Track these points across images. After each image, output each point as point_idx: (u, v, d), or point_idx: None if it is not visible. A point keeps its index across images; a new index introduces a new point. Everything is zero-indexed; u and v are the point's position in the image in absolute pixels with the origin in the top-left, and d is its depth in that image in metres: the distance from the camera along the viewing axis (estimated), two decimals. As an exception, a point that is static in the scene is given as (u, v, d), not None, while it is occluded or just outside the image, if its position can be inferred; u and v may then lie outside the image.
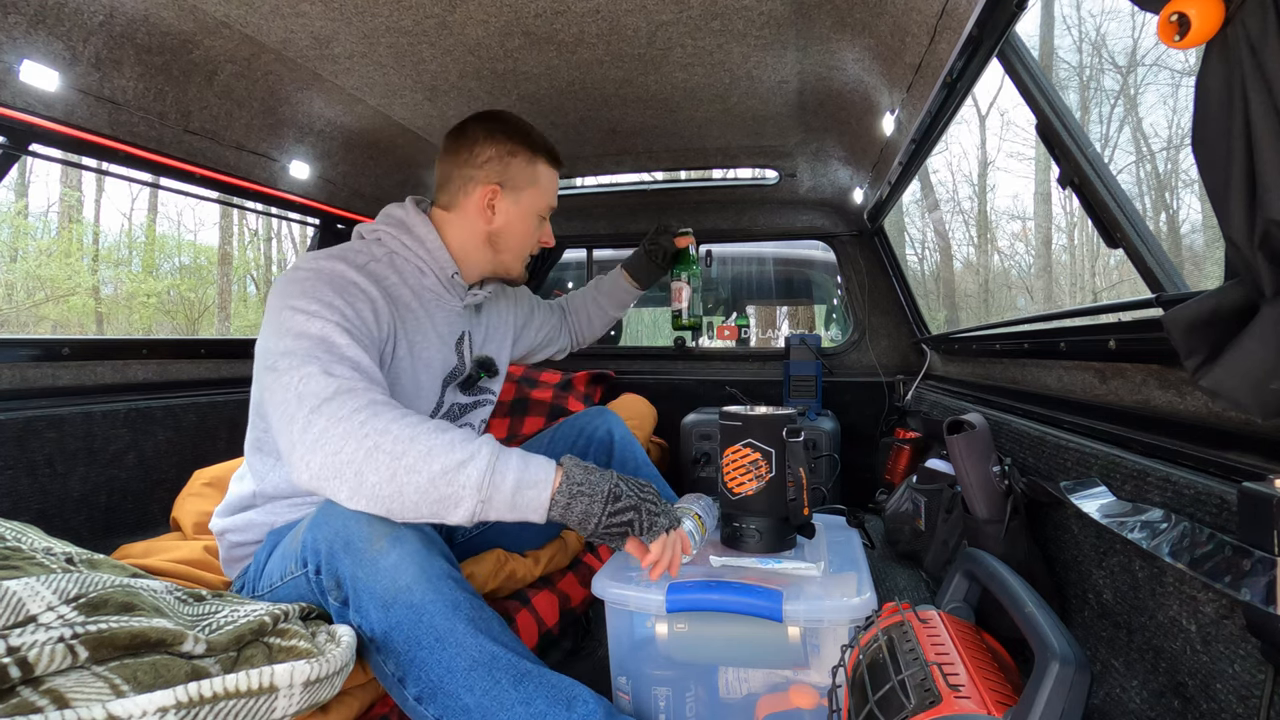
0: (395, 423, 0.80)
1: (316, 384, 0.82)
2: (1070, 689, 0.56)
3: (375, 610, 0.77)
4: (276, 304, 0.92)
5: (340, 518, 0.81)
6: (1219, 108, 0.54)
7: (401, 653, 0.76)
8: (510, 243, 1.16)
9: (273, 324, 0.90)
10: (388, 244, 1.09)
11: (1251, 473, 0.65)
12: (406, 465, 0.78)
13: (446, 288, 1.13)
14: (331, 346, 0.88)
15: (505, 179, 1.12)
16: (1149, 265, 0.94)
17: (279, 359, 0.86)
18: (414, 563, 0.78)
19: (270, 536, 1.01)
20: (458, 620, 0.77)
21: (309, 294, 0.92)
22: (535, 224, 1.18)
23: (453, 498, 0.79)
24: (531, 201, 1.15)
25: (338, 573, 0.80)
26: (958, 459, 1.12)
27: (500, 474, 0.81)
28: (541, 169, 1.16)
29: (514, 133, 1.13)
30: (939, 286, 11.28)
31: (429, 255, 1.10)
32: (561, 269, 3.14)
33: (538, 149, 1.15)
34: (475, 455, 0.81)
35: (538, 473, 0.83)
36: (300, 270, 0.96)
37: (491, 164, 1.11)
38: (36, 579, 0.61)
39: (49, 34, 1.19)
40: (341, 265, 0.98)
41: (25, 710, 0.52)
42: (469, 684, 0.75)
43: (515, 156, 1.12)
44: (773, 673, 0.93)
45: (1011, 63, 1.10)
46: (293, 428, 0.81)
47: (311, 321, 0.89)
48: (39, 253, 10.52)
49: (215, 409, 1.78)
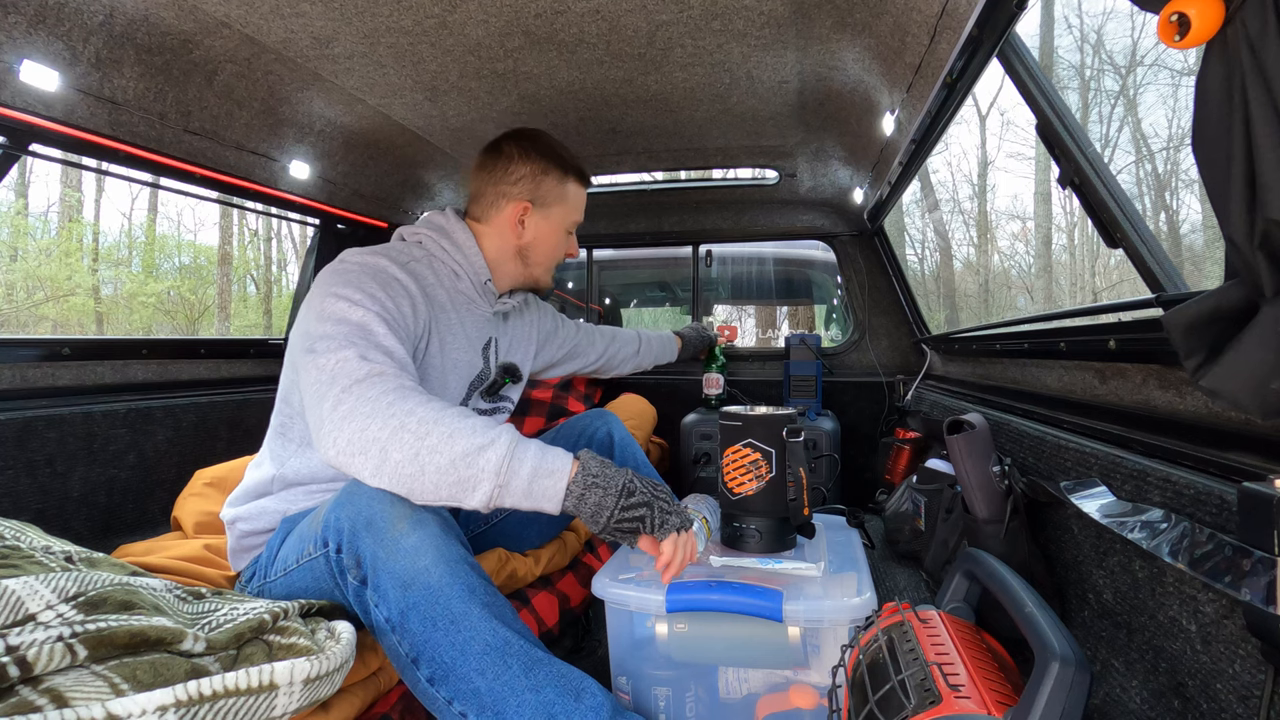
0: (421, 405, 0.84)
1: (351, 366, 0.86)
2: (1070, 689, 0.55)
3: (394, 590, 0.78)
4: (320, 291, 0.97)
5: (364, 498, 0.83)
6: (1219, 108, 0.54)
7: (416, 634, 0.77)
8: (539, 256, 1.23)
9: (315, 309, 0.95)
10: (428, 247, 1.16)
11: (1251, 473, 0.65)
12: (430, 445, 0.81)
13: (479, 293, 1.19)
14: (370, 334, 0.92)
15: (536, 197, 1.19)
16: (1149, 265, 0.94)
17: (318, 341, 0.90)
18: (433, 546, 0.80)
19: (284, 523, 1.03)
20: (473, 604, 0.78)
21: (353, 284, 0.97)
22: (563, 238, 1.25)
23: (471, 480, 0.81)
24: (561, 218, 1.22)
25: (359, 551, 0.81)
26: (958, 459, 1.12)
27: (519, 460, 0.83)
28: (571, 187, 1.23)
29: (547, 152, 1.19)
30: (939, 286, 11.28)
31: (466, 261, 1.16)
32: (562, 269, 3.14)
33: (568, 169, 1.22)
34: (496, 441, 0.83)
35: (555, 462, 0.85)
36: (347, 262, 1.02)
37: (524, 182, 1.18)
38: (35, 578, 0.61)
39: (49, 34, 1.19)
40: (385, 261, 1.04)
41: (24, 709, 0.52)
42: (481, 668, 0.76)
43: (547, 175, 1.19)
44: (773, 673, 0.93)
45: (1011, 63, 1.10)
46: (323, 405, 0.84)
47: (353, 309, 0.93)
48: (39, 253, 10.52)
49: (215, 409, 1.78)
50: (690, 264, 2.76)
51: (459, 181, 2.39)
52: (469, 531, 1.30)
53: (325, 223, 2.25)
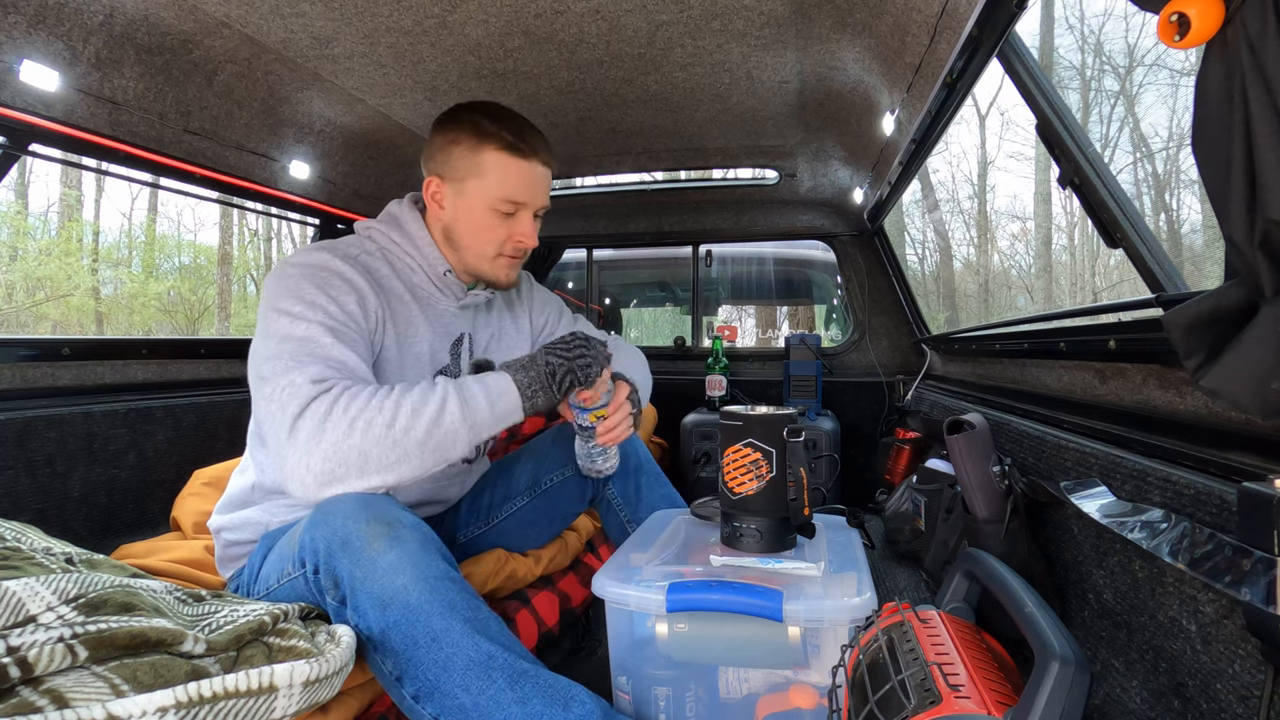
0: (373, 398, 0.86)
1: (300, 390, 0.85)
2: (1070, 689, 0.55)
3: (373, 610, 0.77)
4: (264, 306, 0.94)
5: (339, 517, 0.81)
6: (1219, 108, 0.54)
7: (399, 652, 0.77)
8: (463, 238, 1.08)
9: (261, 327, 0.93)
10: (378, 240, 1.09)
11: (1251, 473, 0.65)
12: (401, 428, 0.85)
13: (439, 286, 1.11)
14: (315, 347, 0.90)
15: (445, 170, 1.07)
16: (1149, 265, 0.94)
17: (263, 364, 0.89)
18: (411, 563, 0.78)
19: (264, 539, 1.01)
20: (454, 620, 0.77)
21: (293, 293, 0.93)
22: (491, 218, 1.07)
23: (449, 437, 0.88)
24: (479, 192, 1.05)
25: (335, 572, 0.80)
26: (958, 459, 1.12)
27: (473, 398, 0.92)
28: (489, 156, 1.04)
29: (461, 120, 1.06)
30: (939, 286, 11.28)
31: (417, 252, 1.09)
32: (561, 269, 3.14)
33: (485, 136, 1.04)
34: (446, 397, 0.90)
35: (498, 382, 0.95)
36: (287, 267, 0.97)
37: (435, 155, 1.08)
38: (36, 579, 0.61)
39: (49, 34, 1.19)
40: (327, 256, 0.99)
41: (25, 710, 0.52)
42: (465, 683, 0.75)
43: (457, 145, 1.05)
44: (773, 673, 0.93)
45: (1011, 63, 1.10)
46: (281, 435, 0.84)
47: (295, 324, 0.91)
48: (39, 252, 10.52)
49: (215, 409, 1.78)
50: (690, 264, 2.76)
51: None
52: (469, 533, 1.30)
53: (325, 223, 2.25)
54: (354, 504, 0.82)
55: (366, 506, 0.82)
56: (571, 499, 1.35)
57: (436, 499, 1.21)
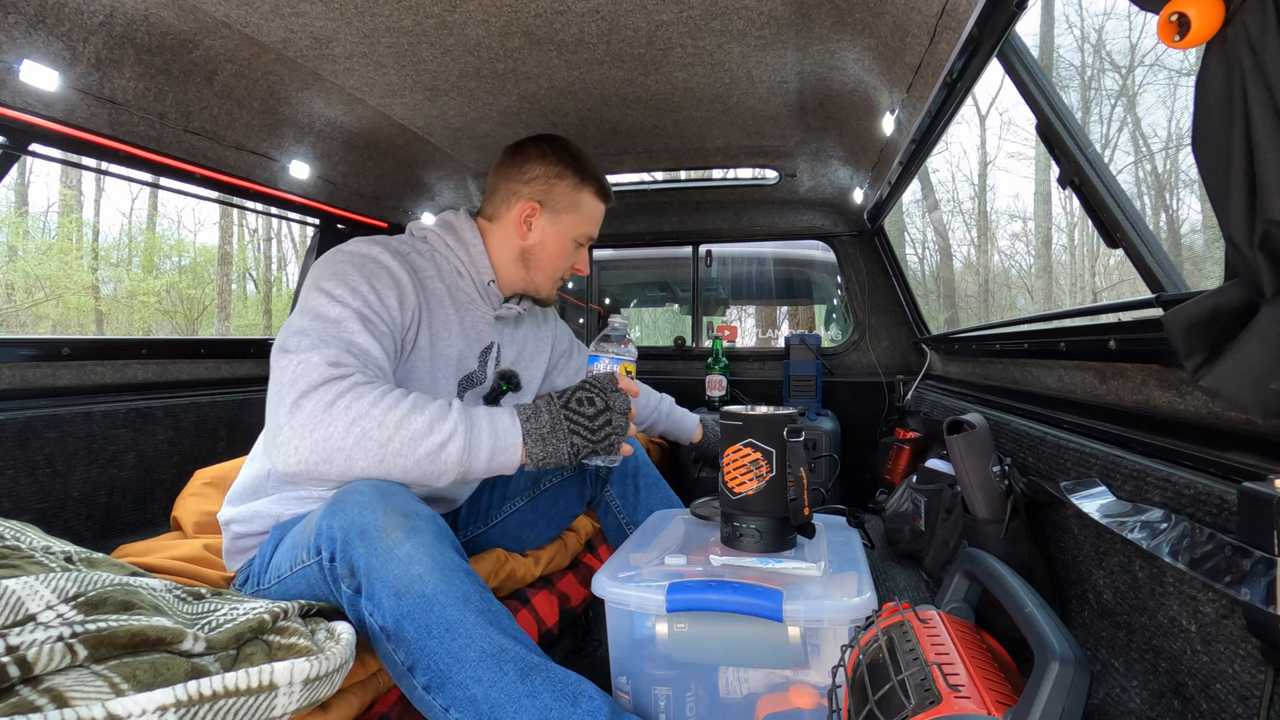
0: (377, 405, 0.85)
1: (314, 370, 0.86)
2: (1070, 689, 0.55)
3: (388, 599, 0.78)
4: (308, 285, 0.97)
5: (356, 506, 0.82)
6: (1219, 108, 0.54)
7: (412, 642, 0.77)
8: (542, 262, 1.19)
9: (300, 303, 0.96)
10: (432, 242, 1.15)
11: (1251, 473, 0.65)
12: (394, 450, 0.85)
13: (481, 294, 1.16)
14: (342, 332, 0.92)
15: (547, 199, 1.17)
16: (1149, 265, 0.94)
17: (291, 337, 0.90)
18: (427, 554, 0.79)
19: (275, 530, 1.01)
20: (468, 612, 0.78)
21: (337, 276, 0.96)
22: (570, 248, 1.21)
23: (435, 473, 0.88)
24: (570, 226, 1.19)
25: (352, 560, 0.80)
26: (958, 459, 1.12)
27: (476, 447, 0.90)
28: (586, 197, 1.19)
29: (565, 157, 1.17)
30: (939, 286, 11.28)
31: (468, 258, 1.14)
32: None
33: (586, 177, 1.19)
34: (453, 435, 0.88)
35: (507, 438, 0.93)
36: (339, 253, 1.01)
37: (537, 182, 1.16)
38: (35, 578, 0.61)
39: (49, 34, 1.19)
40: (378, 249, 1.03)
41: (24, 709, 0.52)
42: (477, 675, 0.76)
43: (562, 180, 1.17)
44: (773, 673, 0.93)
45: (1011, 63, 1.10)
46: (280, 409, 0.85)
47: (332, 305, 0.93)
48: (38, 252, 10.52)
49: (215, 409, 1.78)
50: (690, 264, 2.76)
51: (458, 181, 2.39)
52: (468, 533, 1.30)
53: (325, 223, 2.25)
54: (372, 494, 0.83)
55: (384, 497, 0.83)
56: (571, 500, 1.36)
57: (445, 497, 1.21)
